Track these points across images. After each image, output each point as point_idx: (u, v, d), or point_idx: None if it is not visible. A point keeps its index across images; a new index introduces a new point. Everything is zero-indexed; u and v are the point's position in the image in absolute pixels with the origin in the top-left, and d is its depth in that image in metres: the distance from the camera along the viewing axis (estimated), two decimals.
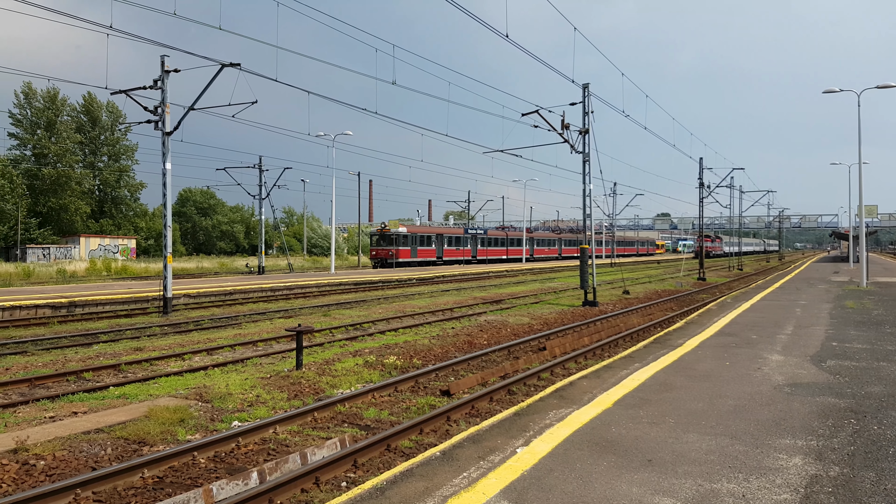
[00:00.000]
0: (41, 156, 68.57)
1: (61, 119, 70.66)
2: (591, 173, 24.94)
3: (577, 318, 20.40)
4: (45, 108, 69.30)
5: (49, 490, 5.81)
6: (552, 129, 24.41)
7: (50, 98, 69.47)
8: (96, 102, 75.71)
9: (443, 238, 58.86)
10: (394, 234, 52.89)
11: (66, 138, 69.34)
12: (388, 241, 52.96)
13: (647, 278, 42.61)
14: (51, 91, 69.33)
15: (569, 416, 7.89)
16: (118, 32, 17.56)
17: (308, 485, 6.47)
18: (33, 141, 68.67)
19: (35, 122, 69.24)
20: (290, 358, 12.99)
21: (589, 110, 24.62)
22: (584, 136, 24.84)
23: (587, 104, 24.67)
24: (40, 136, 68.41)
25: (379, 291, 30.64)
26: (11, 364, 12.46)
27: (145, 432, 7.92)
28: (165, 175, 21.95)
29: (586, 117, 24.72)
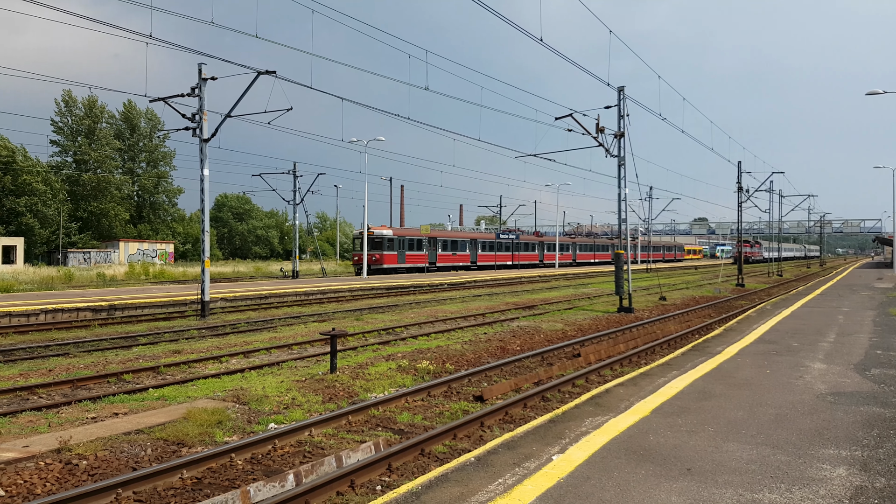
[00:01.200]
0: (81, 162, 70.44)
1: (101, 126, 72.48)
2: (626, 177, 24.69)
3: (612, 325, 20.18)
4: (85, 116, 71.18)
5: (91, 489, 5.93)
6: (586, 132, 24.23)
7: (90, 106, 71.33)
8: (135, 110, 77.54)
9: (435, 242, 53.39)
10: (377, 237, 47.80)
11: (105, 145, 71.13)
12: (372, 246, 47.73)
13: (684, 284, 41.97)
14: (91, 99, 71.23)
15: (605, 423, 7.78)
16: (157, 41, 17.96)
17: (343, 488, 6.49)
18: (74, 148, 70.57)
19: (76, 130, 71.15)
20: (325, 361, 13.07)
21: (624, 113, 24.38)
22: (620, 140, 24.59)
23: (623, 107, 24.42)
24: (81, 143, 70.26)
25: (411, 296, 30.72)
26: (54, 366, 12.78)
27: (184, 434, 8.04)
28: (203, 181, 22.34)
29: (622, 120, 24.48)
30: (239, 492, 6.08)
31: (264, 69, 20.99)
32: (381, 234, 47.94)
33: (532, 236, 69.65)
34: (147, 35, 17.29)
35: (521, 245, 65.57)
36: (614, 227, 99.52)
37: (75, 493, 5.81)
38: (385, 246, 47.61)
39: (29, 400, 10.10)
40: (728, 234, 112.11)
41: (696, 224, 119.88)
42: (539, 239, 69.61)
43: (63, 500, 5.69)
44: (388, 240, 47.97)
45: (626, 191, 24.81)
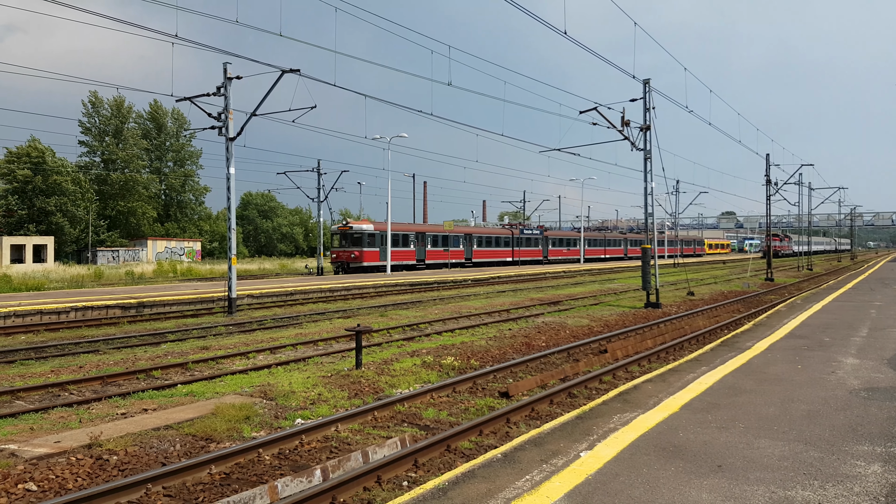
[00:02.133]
0: (109, 162, 71.60)
1: (128, 126, 73.59)
2: (652, 171, 24.42)
3: (639, 320, 19.98)
4: (112, 116, 72.31)
5: (122, 484, 6.00)
6: (611, 126, 23.99)
7: (117, 106, 72.43)
8: (162, 109, 78.60)
9: (424, 238, 48.70)
10: (356, 233, 43.39)
11: (132, 145, 72.22)
12: (350, 241, 43.68)
13: (712, 279, 41.46)
14: (118, 99, 72.33)
15: (633, 420, 7.70)
16: (183, 41, 18.13)
17: (370, 483, 6.49)
18: (102, 148, 71.73)
19: (103, 130, 72.31)
20: (350, 357, 13.12)
21: (650, 106, 24.09)
22: (646, 133, 24.31)
23: (648, 100, 24.14)
24: (108, 143, 71.40)
25: (435, 292, 30.73)
26: (85, 362, 12.99)
27: (212, 429, 8.11)
28: (229, 179, 22.54)
29: (647, 113, 24.19)
30: (267, 487, 6.11)
31: (288, 68, 21.09)
32: (361, 228, 43.71)
33: (537, 233, 64.59)
34: (173, 35, 17.46)
35: (523, 240, 60.25)
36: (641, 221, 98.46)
37: (106, 488, 5.88)
38: (365, 242, 43.23)
39: (60, 396, 10.27)
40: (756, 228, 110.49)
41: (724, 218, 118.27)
42: (544, 233, 64.37)
43: (94, 494, 5.77)
44: (369, 235, 43.55)
45: (652, 185, 24.56)
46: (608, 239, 75.98)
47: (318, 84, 25.85)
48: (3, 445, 7.43)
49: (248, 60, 20.78)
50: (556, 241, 65.44)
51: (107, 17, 16.87)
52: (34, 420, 8.73)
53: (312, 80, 21.50)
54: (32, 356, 13.77)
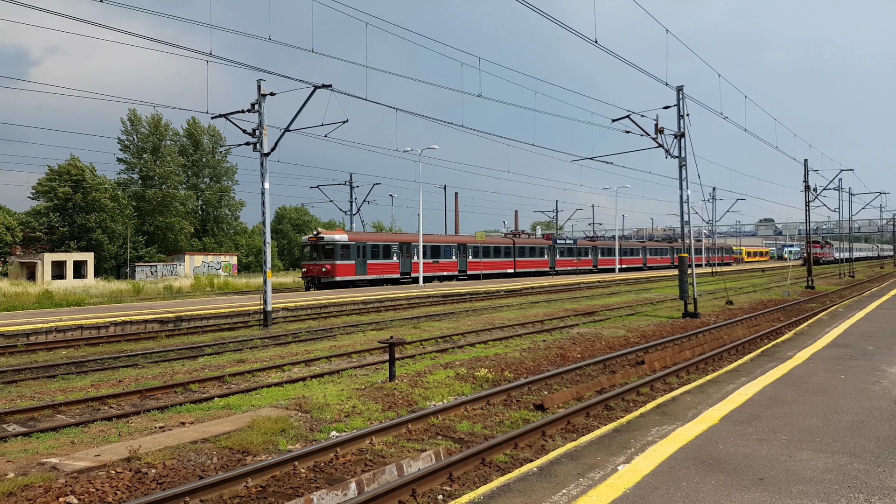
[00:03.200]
0: (147, 178, 73.26)
1: (165, 143, 75.27)
2: (688, 178, 24.10)
3: (676, 331, 19.66)
4: (150, 134, 74.07)
5: (160, 498, 6.06)
6: (645, 133, 23.76)
7: (154, 124, 74.17)
8: (198, 126, 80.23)
9: (409, 248, 44.15)
10: (328, 244, 39.11)
11: (170, 161, 73.79)
12: (321, 253, 39.28)
13: (751, 287, 40.67)
14: (155, 117, 74.08)
15: (672, 432, 7.55)
16: (217, 59, 18.50)
17: (405, 497, 6.45)
18: (140, 164, 73.46)
19: (141, 147, 74.08)
20: (383, 369, 13.14)
21: (684, 113, 23.83)
22: (680, 140, 24.03)
23: (682, 107, 23.88)
24: (146, 160, 73.11)
25: (467, 304, 30.66)
26: (124, 376, 13.22)
27: (249, 442, 8.17)
28: (264, 194, 22.85)
29: (681, 120, 23.93)
30: (303, 500, 6.12)
31: (321, 83, 21.36)
32: (333, 239, 39.14)
33: (541, 240, 60.46)
34: (207, 53, 17.82)
35: (527, 250, 55.48)
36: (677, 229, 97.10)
37: (144, 502, 5.95)
38: (338, 254, 38.87)
39: (100, 410, 10.46)
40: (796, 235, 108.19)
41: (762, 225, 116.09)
42: (550, 243, 59.77)
43: None
44: (342, 246, 39.13)
45: (688, 192, 24.22)
46: (623, 248, 71.69)
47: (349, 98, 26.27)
48: (44, 459, 7.57)
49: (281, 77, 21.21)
50: (565, 250, 61.05)
51: (143, 37, 17.33)
52: (75, 434, 8.89)
53: (344, 95, 21.75)
54: (73, 371, 14.07)
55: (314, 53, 19.29)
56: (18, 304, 31.97)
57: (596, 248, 67.07)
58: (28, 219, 64.44)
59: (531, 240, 59.40)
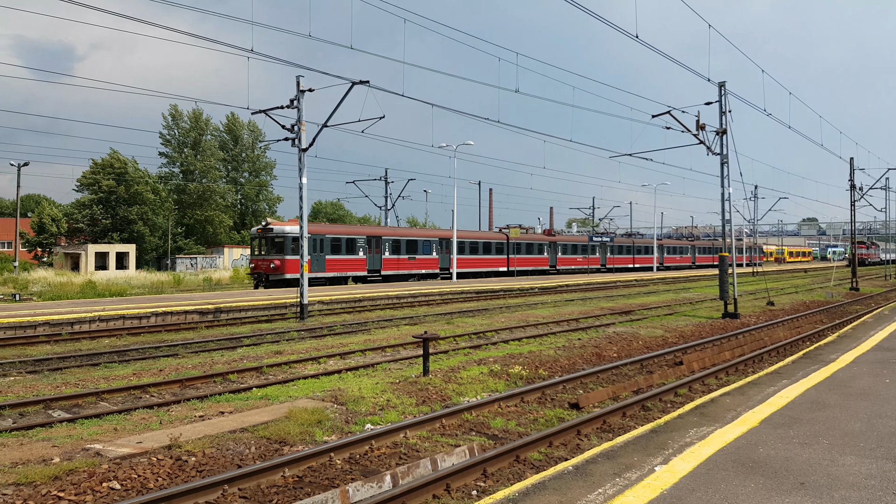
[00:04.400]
0: (188, 172, 74.68)
1: (206, 138, 76.61)
2: (729, 176, 23.64)
3: (716, 331, 19.34)
4: (191, 129, 75.46)
5: (200, 485, 6.18)
6: (686, 130, 23.38)
7: (195, 119, 75.52)
8: (238, 122, 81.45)
9: (379, 243, 39.31)
10: (278, 236, 34.34)
11: (210, 156, 75.09)
12: (270, 247, 34.63)
13: (793, 288, 39.80)
14: (196, 112, 75.44)
15: (711, 434, 7.44)
16: (258, 55, 18.75)
17: (439, 491, 6.47)
18: (181, 159, 74.89)
19: (182, 142, 75.51)
20: (417, 364, 13.19)
21: (726, 109, 23.38)
22: (722, 137, 23.59)
23: (724, 103, 23.43)
24: (187, 155, 74.49)
25: (501, 300, 30.59)
26: (165, 366, 13.51)
27: (286, 432, 8.28)
28: (302, 189, 23.10)
29: (723, 117, 23.49)
30: (338, 491, 6.18)
31: (358, 79, 21.49)
32: (283, 231, 34.24)
33: (541, 235, 54.91)
34: (248, 49, 18.05)
35: (523, 246, 50.76)
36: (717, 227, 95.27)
37: (185, 489, 6.07)
38: (288, 248, 34.04)
39: (142, 398, 10.70)
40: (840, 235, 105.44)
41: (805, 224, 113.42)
42: (550, 239, 54.32)
43: (173, 494, 5.96)
44: (294, 240, 33.87)
45: (729, 190, 23.77)
46: (638, 246, 66.46)
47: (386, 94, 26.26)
48: (88, 445, 7.78)
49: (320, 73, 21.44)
50: (568, 247, 56.02)
51: (185, 33, 17.63)
52: (117, 421, 9.12)
53: (381, 91, 21.84)
54: (116, 359, 14.43)
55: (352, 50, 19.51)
56: (63, 294, 32.91)
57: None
58: (73, 210, 66.22)
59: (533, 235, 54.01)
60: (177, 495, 5.96)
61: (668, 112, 23.43)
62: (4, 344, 16.29)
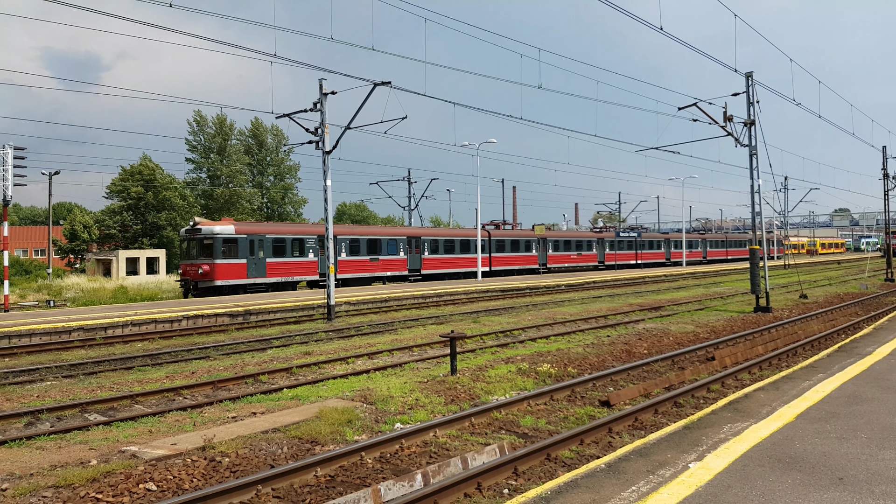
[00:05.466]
0: (214, 177, 75.63)
1: (231, 143, 77.50)
2: (758, 168, 23.28)
3: (748, 326, 19.06)
4: (216, 134, 76.39)
5: (234, 486, 6.24)
6: (713, 122, 23.06)
7: (220, 124, 76.42)
8: (262, 126, 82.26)
9: (337, 242, 35.10)
10: (207, 237, 30.33)
11: (236, 161, 75.95)
12: (199, 250, 30.63)
13: (826, 280, 39.09)
14: (220, 118, 76.31)
15: (745, 430, 7.33)
16: (281, 59, 18.89)
17: (470, 490, 6.46)
18: (207, 164, 75.86)
19: (208, 147, 76.48)
20: (445, 363, 13.19)
21: (754, 100, 23.02)
22: (750, 128, 23.24)
23: (752, 94, 23.08)
24: (213, 160, 75.44)
25: (527, 298, 30.47)
26: (196, 368, 13.69)
27: (317, 432, 8.34)
28: (326, 191, 23.24)
29: (751, 108, 23.13)
30: (370, 490, 6.20)
31: (380, 80, 21.55)
32: (212, 231, 30.30)
33: (526, 231, 50.23)
34: (271, 54, 18.21)
35: (506, 244, 46.24)
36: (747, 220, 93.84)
37: (219, 489, 6.14)
38: (219, 251, 30.07)
39: (175, 400, 10.85)
40: (874, 226, 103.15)
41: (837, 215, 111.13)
42: (533, 235, 49.63)
43: (208, 495, 6.03)
44: (226, 240, 30.33)
45: (759, 182, 23.39)
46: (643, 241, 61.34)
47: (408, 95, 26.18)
48: (124, 447, 7.92)
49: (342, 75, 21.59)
50: (559, 243, 51.09)
51: (209, 40, 17.87)
52: (152, 423, 9.26)
53: (403, 91, 21.88)
54: (149, 362, 14.66)
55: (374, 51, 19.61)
56: (96, 299, 33.49)
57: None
58: (103, 217, 67.49)
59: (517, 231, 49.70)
60: (212, 496, 6.03)
61: (695, 104, 23.13)
62: (41, 349, 16.63)
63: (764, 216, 25.17)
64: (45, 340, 17.89)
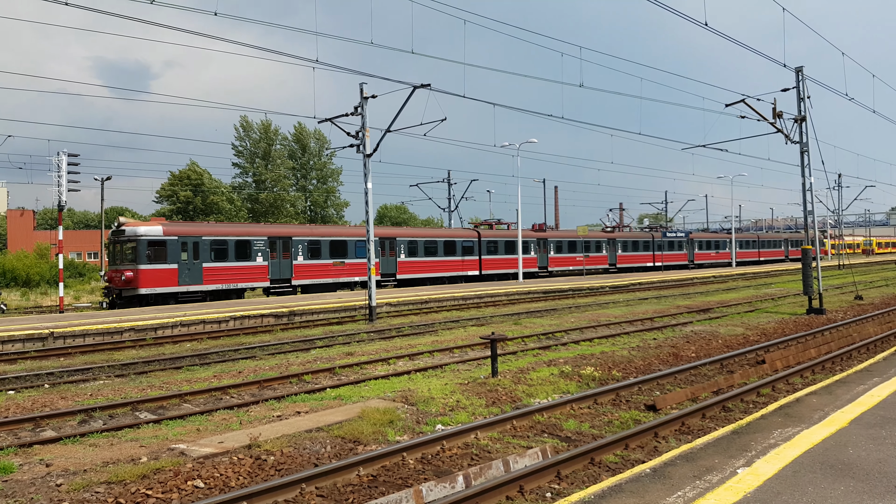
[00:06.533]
0: (260, 182, 77.00)
1: (275, 148, 78.82)
2: (810, 165, 22.63)
3: (800, 328, 18.52)
4: (261, 140, 77.79)
5: (279, 484, 6.33)
6: (762, 118, 22.50)
7: (265, 130, 77.81)
8: (305, 131, 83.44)
9: (288, 244, 32.05)
10: (130, 240, 27.26)
11: (280, 165, 77.23)
12: (123, 255, 27.55)
13: (882, 281, 37.79)
14: (265, 123, 77.73)
15: (796, 435, 7.12)
16: (323, 65, 19.13)
17: (513, 493, 6.42)
18: (252, 169, 77.32)
19: (253, 153, 77.93)
20: (485, 365, 13.15)
21: (804, 95, 22.38)
22: (801, 125, 22.60)
23: (802, 89, 22.44)
24: (258, 165, 76.85)
25: (569, 300, 30.19)
26: (243, 368, 13.94)
27: (359, 432, 8.40)
28: (367, 194, 23.44)
29: (802, 103, 22.49)
30: (412, 491, 6.21)
31: (419, 83, 21.65)
32: (136, 233, 27.02)
33: (530, 231, 45.80)
34: (314, 60, 18.46)
35: (500, 245, 42.18)
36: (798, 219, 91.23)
37: (265, 487, 6.23)
38: (143, 256, 26.82)
39: (222, 399, 11.07)
40: None
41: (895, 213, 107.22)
42: (537, 235, 45.20)
43: (254, 493, 6.13)
44: (152, 243, 27.23)
45: (811, 180, 22.74)
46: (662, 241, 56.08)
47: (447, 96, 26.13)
48: (173, 444, 8.10)
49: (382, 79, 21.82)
50: (562, 244, 46.84)
51: (253, 47, 18.19)
52: (200, 421, 9.46)
53: (442, 93, 21.93)
54: (197, 362, 14.99)
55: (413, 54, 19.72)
56: None
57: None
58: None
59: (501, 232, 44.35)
60: (257, 493, 6.13)
61: (743, 100, 22.61)
62: (94, 349, 17.18)
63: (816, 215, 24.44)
64: (98, 341, 18.47)
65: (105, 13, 14.46)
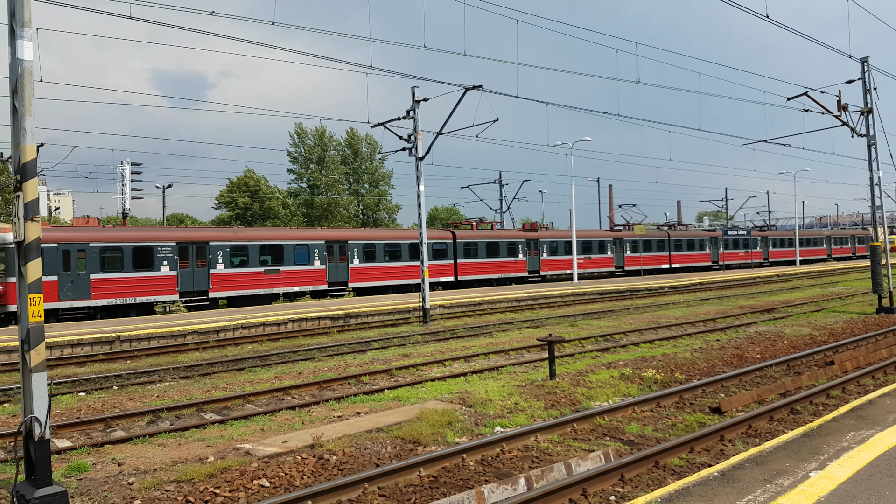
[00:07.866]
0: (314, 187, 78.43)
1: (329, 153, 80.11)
2: (878, 159, 21.72)
3: (870, 328, 17.79)
4: (315, 145, 79.19)
5: (342, 483, 6.42)
6: (826, 111, 21.71)
7: (319, 135, 79.18)
8: (357, 136, 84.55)
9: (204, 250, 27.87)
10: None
11: (333, 170, 78.48)
12: None
13: None
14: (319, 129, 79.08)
15: (870, 438, 6.85)
16: (377, 70, 19.35)
17: (575, 496, 6.34)
18: (307, 174, 78.77)
19: (308, 158, 79.39)
20: (542, 367, 13.04)
21: (871, 87, 21.50)
22: (867, 117, 21.72)
23: (868, 80, 21.56)
24: (313, 170, 78.25)
25: (627, 301, 29.69)
26: (303, 369, 14.20)
27: (418, 433, 8.45)
28: (420, 196, 23.58)
29: (868, 95, 21.61)
30: (474, 492, 6.21)
31: (471, 85, 21.65)
32: (4, 240, 22.78)
33: (518, 231, 42.44)
34: (367, 66, 18.67)
35: (480, 247, 38.41)
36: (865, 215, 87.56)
37: (329, 486, 6.33)
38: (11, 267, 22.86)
39: (284, 400, 11.29)
40: None
41: None
42: (527, 235, 41.33)
43: (318, 492, 6.23)
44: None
45: (878, 174, 21.81)
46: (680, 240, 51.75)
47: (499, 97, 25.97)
48: (238, 444, 8.31)
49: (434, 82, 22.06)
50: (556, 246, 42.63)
51: (306, 54, 18.55)
52: (263, 422, 9.68)
53: (494, 94, 21.89)
54: (258, 364, 15.33)
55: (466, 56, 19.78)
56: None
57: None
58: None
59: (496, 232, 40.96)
60: (321, 493, 6.23)
61: (805, 93, 21.85)
62: (159, 352, 17.76)
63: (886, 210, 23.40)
64: (163, 343, 19.09)
65: (166, 25, 14.93)
